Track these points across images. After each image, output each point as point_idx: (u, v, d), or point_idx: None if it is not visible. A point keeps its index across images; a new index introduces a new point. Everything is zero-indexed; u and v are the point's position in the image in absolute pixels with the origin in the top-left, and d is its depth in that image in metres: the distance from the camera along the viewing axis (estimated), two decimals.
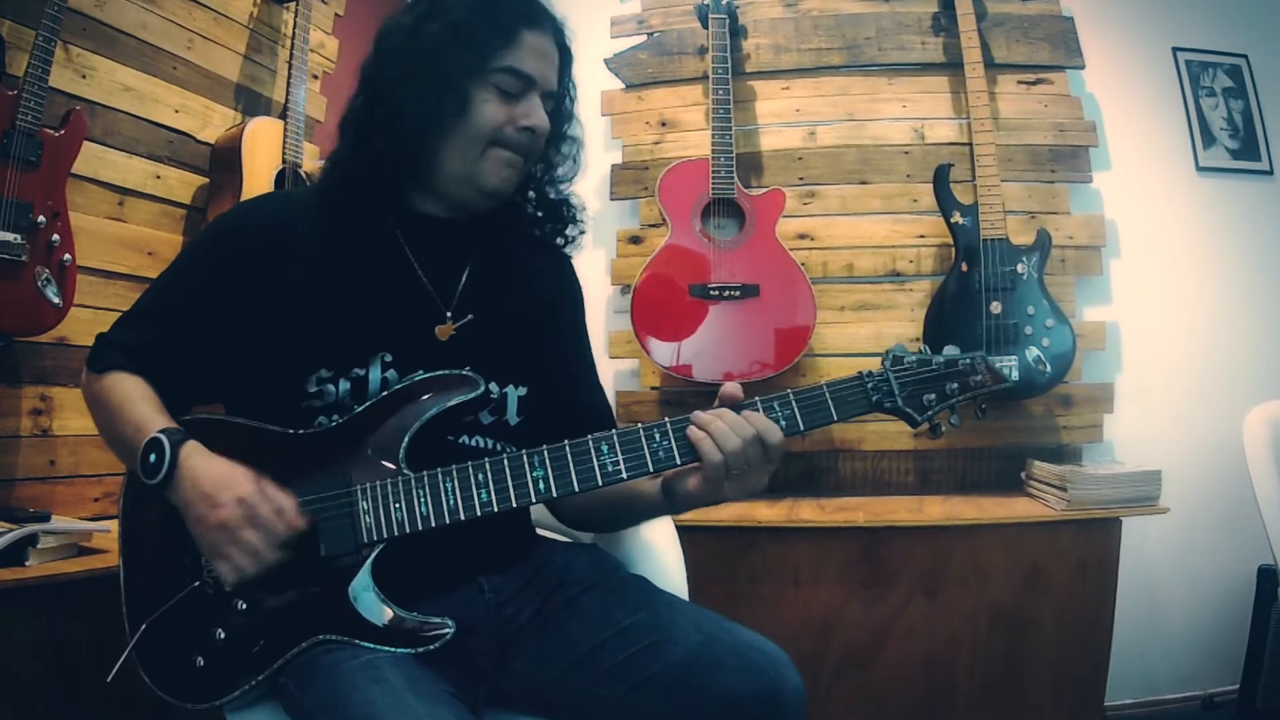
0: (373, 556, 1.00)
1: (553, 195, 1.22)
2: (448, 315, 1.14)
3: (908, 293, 2.40)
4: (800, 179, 2.46)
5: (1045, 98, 2.40)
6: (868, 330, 2.39)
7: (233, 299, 1.08)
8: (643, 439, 1.00)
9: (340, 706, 0.92)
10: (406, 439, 1.03)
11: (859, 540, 1.98)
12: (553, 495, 1.00)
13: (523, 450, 1.01)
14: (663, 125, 2.53)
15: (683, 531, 1.39)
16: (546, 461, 1.00)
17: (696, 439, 0.99)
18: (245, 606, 1.00)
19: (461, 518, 0.99)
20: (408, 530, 0.99)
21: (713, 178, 2.23)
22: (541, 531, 1.28)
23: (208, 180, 2.15)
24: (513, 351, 1.18)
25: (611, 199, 2.53)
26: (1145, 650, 2.28)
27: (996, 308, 2.12)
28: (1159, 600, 2.32)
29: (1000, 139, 2.31)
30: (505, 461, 1.00)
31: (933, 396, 1.05)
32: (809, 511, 2.09)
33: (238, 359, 1.09)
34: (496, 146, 1.10)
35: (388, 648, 0.99)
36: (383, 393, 1.06)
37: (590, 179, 2.51)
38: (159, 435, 0.99)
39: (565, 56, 1.15)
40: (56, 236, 1.65)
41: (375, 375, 1.08)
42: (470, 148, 1.09)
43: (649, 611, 1.09)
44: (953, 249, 2.22)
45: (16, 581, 1.41)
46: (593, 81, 2.50)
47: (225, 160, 2.11)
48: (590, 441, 1.00)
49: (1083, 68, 2.40)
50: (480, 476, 1.00)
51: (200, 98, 2.15)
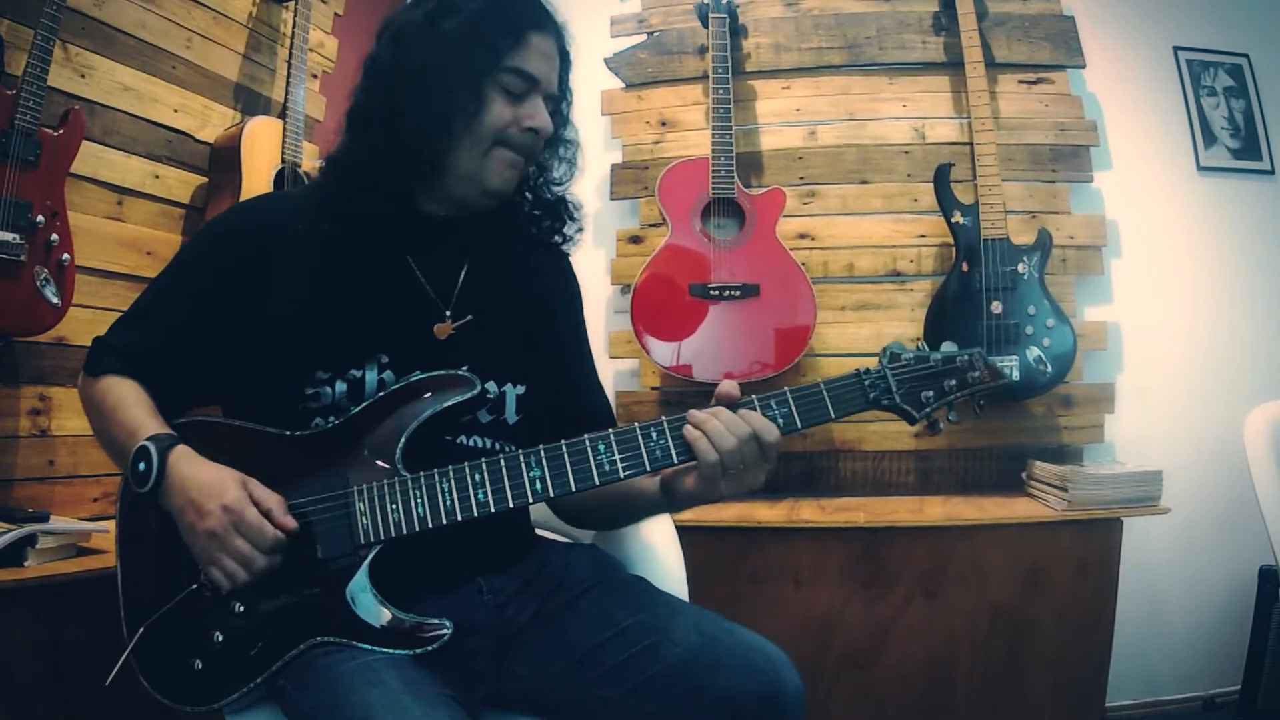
0: (370, 558, 1.00)
1: (548, 195, 1.22)
2: (446, 314, 1.14)
3: (908, 292, 2.40)
4: (801, 178, 2.45)
5: (1046, 97, 2.40)
6: (868, 330, 2.39)
7: (232, 300, 1.08)
8: (639, 438, 1.00)
9: (338, 708, 0.92)
10: (403, 440, 1.02)
11: (859, 540, 1.98)
12: (550, 495, 1.00)
13: (519, 450, 1.01)
14: (663, 125, 2.52)
15: (683, 532, 1.39)
16: (543, 461, 1.00)
17: (692, 438, 0.99)
18: (243, 609, 1.00)
19: (459, 518, 0.99)
20: (404, 531, 0.99)
21: (713, 177, 2.23)
22: (541, 532, 1.28)
23: (207, 180, 2.14)
24: (511, 350, 1.17)
25: (611, 198, 2.52)
26: (1146, 651, 2.28)
27: (997, 307, 2.11)
28: (1160, 601, 2.32)
29: (1001, 138, 2.31)
30: (502, 462, 1.00)
31: (930, 393, 1.04)
32: (809, 512, 2.08)
33: (235, 360, 1.09)
34: (500, 147, 1.10)
35: (385, 649, 0.98)
36: (379, 394, 1.05)
37: (590, 179, 2.51)
38: (146, 443, 0.99)
39: (565, 60, 1.15)
40: (55, 236, 1.65)
41: (372, 376, 1.08)
42: (475, 147, 1.08)
43: (649, 612, 1.08)
44: (953, 249, 2.22)
45: (15, 582, 1.41)
46: (593, 81, 2.50)
47: (224, 160, 2.11)
48: (587, 441, 1.00)
49: (1084, 67, 2.40)
50: (477, 477, 1.00)
51: (199, 97, 2.15)
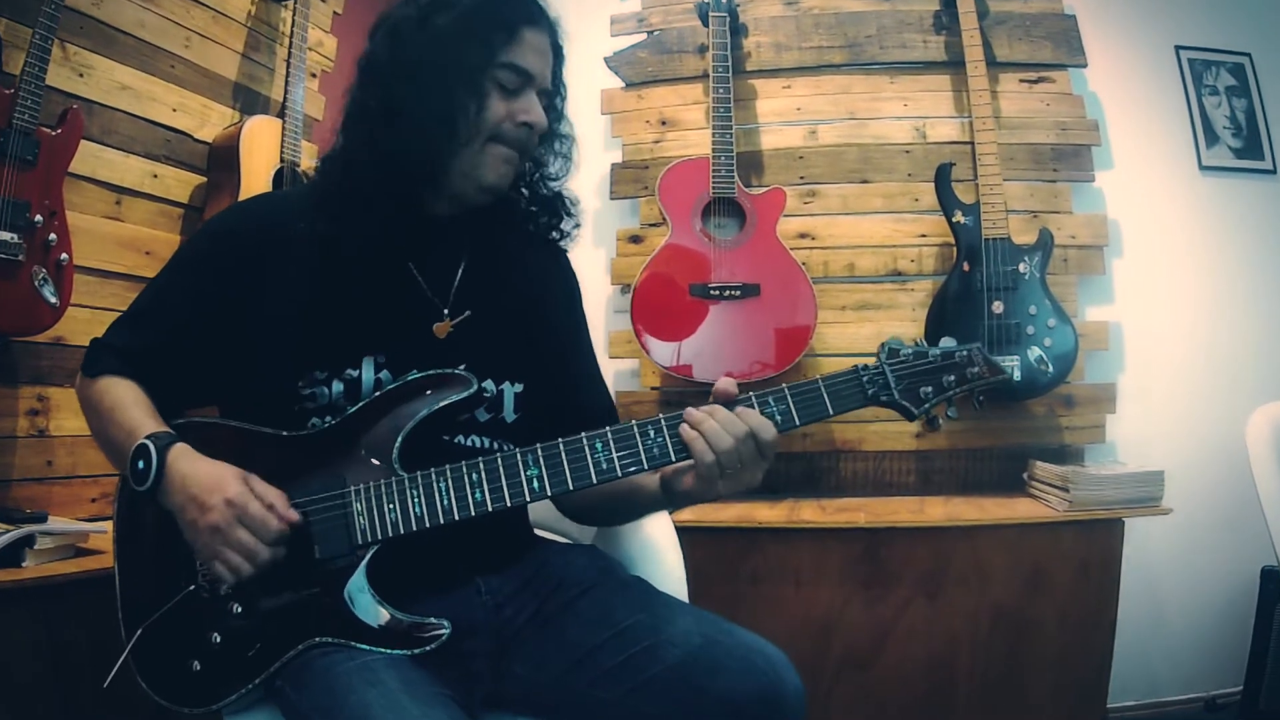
0: (367, 558, 0.99)
1: (545, 190, 1.21)
2: (444, 313, 1.14)
3: (909, 292, 2.39)
4: (801, 178, 2.45)
5: (1047, 96, 2.39)
6: (869, 330, 2.38)
7: (230, 299, 1.08)
8: (637, 436, 1.00)
9: (336, 709, 0.91)
10: (400, 439, 1.02)
11: (860, 541, 1.98)
12: (547, 494, 1.00)
13: (517, 449, 1.00)
14: (663, 124, 2.52)
15: (683, 532, 1.39)
16: (540, 460, 0.99)
17: (689, 438, 0.98)
18: (241, 610, 1.00)
19: (456, 518, 0.99)
20: (402, 531, 0.99)
21: (713, 177, 2.22)
22: (539, 532, 1.27)
23: (205, 179, 2.14)
24: (509, 348, 1.17)
25: (611, 198, 2.52)
26: (1148, 652, 2.27)
27: (998, 307, 2.11)
28: (1161, 601, 2.31)
29: (1002, 138, 2.30)
30: (499, 460, 1.00)
31: (929, 389, 1.04)
32: (810, 512, 2.08)
33: (233, 360, 1.08)
34: (495, 142, 1.09)
35: (384, 649, 0.98)
36: (376, 393, 1.05)
37: (590, 178, 2.50)
38: (145, 441, 0.99)
39: (559, 55, 1.15)
40: (53, 236, 1.64)
41: (368, 376, 1.07)
42: (470, 143, 1.08)
43: (648, 613, 1.08)
44: (954, 248, 2.21)
45: (14, 583, 1.41)
46: (592, 80, 2.50)
47: (223, 159, 2.10)
48: (584, 439, 1.00)
49: (1085, 66, 2.39)
50: (474, 476, 0.99)
51: (198, 96, 2.14)
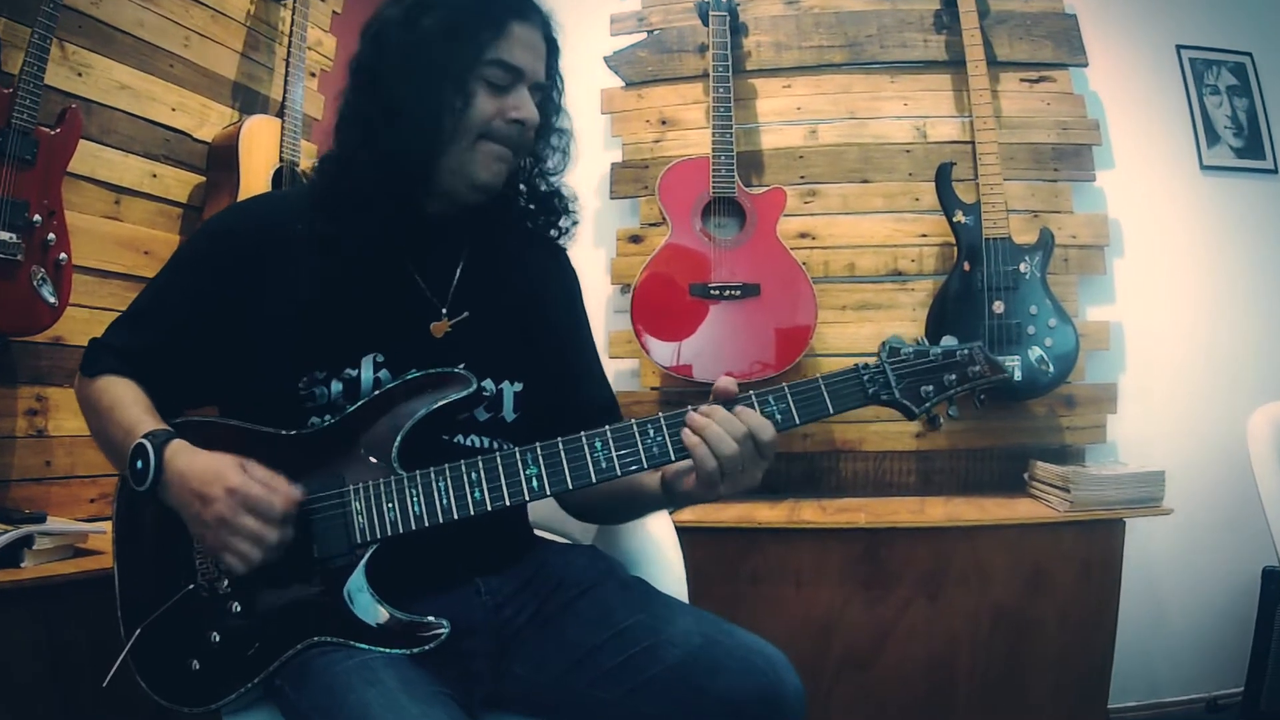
0: (366, 557, 0.99)
1: (543, 188, 1.21)
2: (443, 312, 1.13)
3: (910, 292, 2.39)
4: (801, 177, 2.45)
5: (1048, 96, 2.39)
6: (869, 330, 2.38)
7: (230, 299, 1.08)
8: (636, 435, 1.00)
9: (335, 708, 0.91)
10: (399, 438, 1.02)
11: (860, 541, 1.97)
12: (546, 493, 0.99)
13: (516, 448, 1.00)
14: (663, 123, 2.52)
15: (683, 533, 1.38)
16: (540, 459, 0.99)
17: (691, 444, 0.97)
18: (240, 609, 1.00)
19: (455, 517, 0.98)
20: (401, 530, 0.99)
21: (713, 176, 2.22)
22: (539, 532, 1.27)
23: (205, 179, 2.14)
24: (508, 347, 1.17)
25: (611, 198, 2.51)
26: (1149, 652, 2.27)
27: (999, 307, 2.11)
28: (1162, 602, 2.31)
29: (1003, 137, 2.30)
30: (499, 460, 0.99)
31: (930, 388, 1.03)
32: (810, 512, 2.08)
33: (232, 360, 1.08)
34: (486, 140, 1.09)
35: (383, 649, 0.98)
36: (375, 392, 1.05)
37: (590, 177, 2.50)
38: (143, 441, 0.98)
39: (552, 48, 1.14)
40: (52, 235, 1.64)
41: (367, 375, 1.07)
42: (461, 142, 1.07)
43: (648, 613, 1.08)
44: (955, 248, 2.21)
45: (12, 583, 1.40)
46: (592, 79, 2.50)
47: (222, 159, 2.10)
48: (584, 438, 0.99)
49: (1086, 65, 2.39)
50: (473, 475, 0.99)
51: (197, 96, 2.14)
